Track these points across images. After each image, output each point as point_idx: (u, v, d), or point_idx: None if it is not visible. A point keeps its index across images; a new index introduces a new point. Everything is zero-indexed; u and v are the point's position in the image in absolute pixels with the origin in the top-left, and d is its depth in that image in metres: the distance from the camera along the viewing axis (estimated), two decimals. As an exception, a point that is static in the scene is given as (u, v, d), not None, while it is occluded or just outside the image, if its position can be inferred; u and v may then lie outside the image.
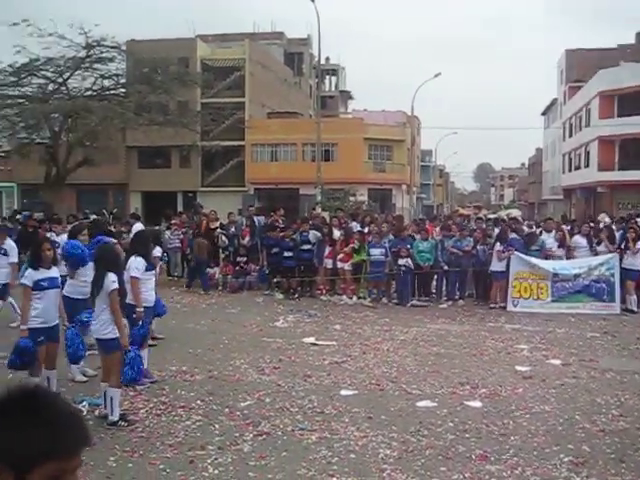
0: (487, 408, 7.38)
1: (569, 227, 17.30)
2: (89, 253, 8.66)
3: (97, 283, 6.88)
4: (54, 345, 7.46)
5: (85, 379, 8.37)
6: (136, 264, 8.35)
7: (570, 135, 53.66)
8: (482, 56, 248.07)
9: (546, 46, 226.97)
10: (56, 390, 7.07)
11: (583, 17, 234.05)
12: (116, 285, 6.82)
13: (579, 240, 15.27)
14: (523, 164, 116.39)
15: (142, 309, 8.25)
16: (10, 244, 11.80)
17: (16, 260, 11.88)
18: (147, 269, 8.51)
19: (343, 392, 7.96)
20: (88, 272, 8.13)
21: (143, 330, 8.24)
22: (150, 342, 9.76)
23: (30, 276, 7.26)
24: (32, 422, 1.52)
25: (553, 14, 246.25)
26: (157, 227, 18.00)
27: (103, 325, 6.86)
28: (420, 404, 7.51)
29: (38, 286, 7.23)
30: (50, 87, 28.67)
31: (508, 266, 14.42)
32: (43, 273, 7.29)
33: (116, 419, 6.71)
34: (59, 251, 9.32)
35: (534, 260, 14.42)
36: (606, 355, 10.26)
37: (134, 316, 8.18)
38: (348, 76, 77.34)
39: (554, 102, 63.83)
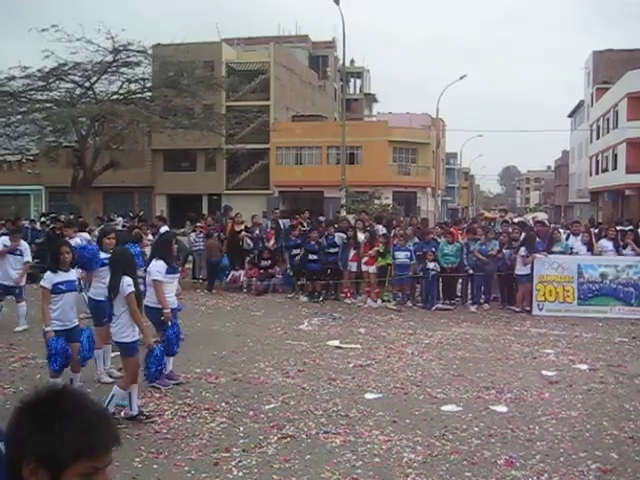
0: (513, 413, 7.32)
1: (596, 230, 17.09)
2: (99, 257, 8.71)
3: (114, 287, 6.94)
4: (74, 346, 7.54)
5: (111, 380, 8.43)
6: (157, 267, 8.41)
7: (597, 137, 53.07)
8: (508, 57, 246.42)
9: (573, 47, 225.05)
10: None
11: (611, 17, 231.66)
12: (132, 288, 6.88)
13: (605, 244, 15.06)
14: (549, 167, 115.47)
15: (169, 310, 8.30)
16: (24, 245, 12.05)
17: (30, 259, 12.16)
18: (168, 272, 8.50)
19: (367, 395, 7.94)
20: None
21: (174, 330, 8.32)
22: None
23: (49, 279, 7.36)
24: (63, 423, 1.55)
25: (580, 14, 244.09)
26: (182, 229, 18.13)
27: (122, 328, 6.95)
28: (445, 408, 7.46)
29: (56, 289, 7.34)
30: (78, 91, 29.02)
31: (532, 268, 14.30)
32: (61, 276, 7.40)
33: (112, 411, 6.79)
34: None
35: (559, 259, 14.25)
36: (634, 360, 10.09)
37: (162, 318, 8.28)
38: (373, 79, 77.33)
39: (581, 104, 63.21)
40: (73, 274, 7.65)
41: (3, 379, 8.52)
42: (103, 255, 8.42)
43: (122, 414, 7.09)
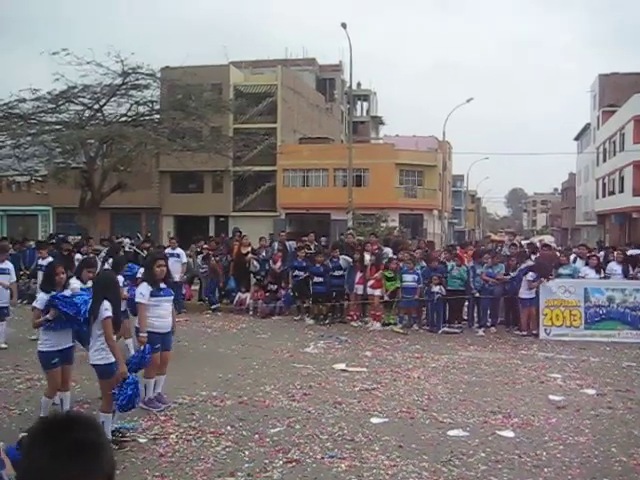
0: (520, 438, 7.27)
1: (603, 254, 17.02)
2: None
3: (94, 310, 6.92)
4: (68, 367, 7.55)
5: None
6: (141, 289, 8.51)
7: (604, 160, 53.10)
8: (514, 80, 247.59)
9: (579, 70, 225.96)
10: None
11: (617, 41, 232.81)
12: (109, 313, 6.85)
13: (614, 267, 15.03)
14: (556, 189, 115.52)
15: (145, 334, 8.26)
16: (9, 264, 12.14)
17: (15, 279, 12.24)
18: (153, 294, 8.44)
19: (373, 420, 7.90)
20: None
21: (143, 355, 8.07)
22: None
23: (42, 299, 7.36)
24: (47, 452, 1.60)
25: (586, 38, 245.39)
26: (187, 252, 18.16)
27: (97, 351, 6.94)
28: (451, 433, 7.42)
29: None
30: (87, 113, 29.23)
31: (537, 292, 14.27)
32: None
33: None
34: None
35: (565, 282, 14.22)
36: (642, 385, 10.04)
37: (138, 340, 8.36)
38: (379, 101, 77.71)
39: (587, 127, 63.33)
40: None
41: (9, 400, 8.52)
42: (79, 285, 8.37)
43: (127, 437, 7.07)
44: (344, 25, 30.78)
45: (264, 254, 17.65)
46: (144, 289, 8.44)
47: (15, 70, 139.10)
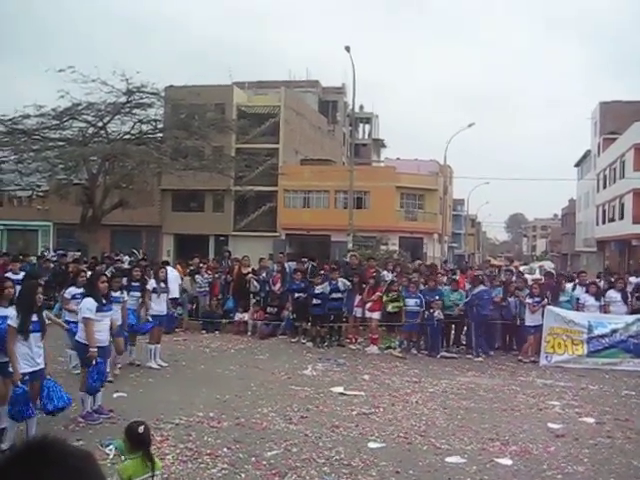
0: (518, 466, 7.22)
1: (600, 281, 16.92)
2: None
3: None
4: (36, 386, 7.56)
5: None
6: (87, 305, 8.66)
7: (604, 187, 53.27)
8: (515, 106, 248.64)
9: (580, 97, 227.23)
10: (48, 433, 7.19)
11: (618, 69, 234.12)
12: (10, 322, 7.09)
13: (613, 295, 15.01)
14: (556, 215, 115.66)
15: (95, 349, 8.42)
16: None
17: None
18: (98, 310, 8.65)
19: (371, 444, 7.86)
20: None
21: (98, 368, 8.42)
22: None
23: (15, 318, 7.32)
24: (53, 472, 1.54)
25: (588, 65, 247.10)
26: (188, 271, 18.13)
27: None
28: (449, 460, 7.37)
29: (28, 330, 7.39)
30: (90, 130, 29.38)
31: (542, 320, 14.25)
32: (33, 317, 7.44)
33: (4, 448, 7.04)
34: None
35: (569, 314, 14.20)
36: (642, 415, 9.98)
37: (87, 355, 8.47)
38: (381, 125, 78.12)
39: (587, 154, 63.61)
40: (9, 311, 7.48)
41: None
42: (75, 291, 8.45)
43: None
44: (347, 48, 30.99)
45: (264, 275, 17.64)
46: (91, 304, 8.62)
47: (19, 87, 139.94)
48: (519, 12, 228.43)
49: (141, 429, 4.82)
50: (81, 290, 10.35)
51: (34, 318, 7.35)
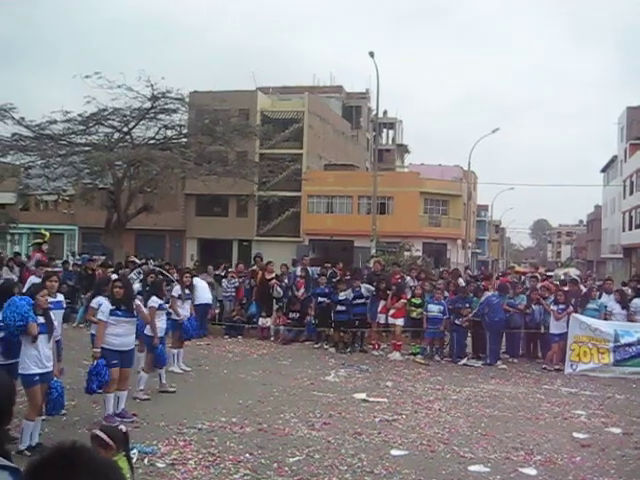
0: (542, 476, 7.13)
1: (628, 289, 16.70)
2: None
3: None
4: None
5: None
6: (101, 307, 8.90)
7: (631, 193, 52.64)
8: (540, 111, 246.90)
9: (607, 102, 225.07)
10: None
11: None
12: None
13: (639, 303, 14.80)
14: (581, 221, 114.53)
15: (98, 349, 8.60)
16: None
17: None
18: (112, 313, 8.75)
19: (393, 452, 7.81)
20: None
21: (97, 370, 8.46)
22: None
23: None
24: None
25: (616, 71, 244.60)
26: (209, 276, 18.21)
27: (22, 361, 7.31)
28: (472, 468, 7.30)
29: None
30: (115, 136, 29.70)
31: (567, 327, 14.10)
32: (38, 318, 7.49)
33: (22, 448, 7.10)
34: None
35: (595, 323, 14.02)
36: (669, 425, 9.81)
37: (92, 354, 8.72)
38: (405, 129, 77.92)
39: (614, 159, 62.93)
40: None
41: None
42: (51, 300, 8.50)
43: (145, 461, 7.06)
44: (372, 54, 31.02)
45: (287, 280, 17.66)
46: (105, 307, 8.81)
47: (46, 93, 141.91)
48: (547, 18, 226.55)
49: (123, 428, 4.81)
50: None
51: (41, 320, 7.41)
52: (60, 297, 9.07)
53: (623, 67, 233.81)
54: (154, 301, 10.62)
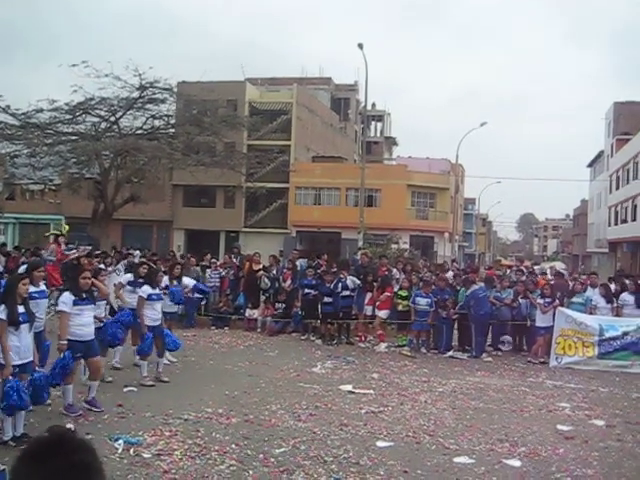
0: (526, 468, 7.18)
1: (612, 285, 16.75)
2: None
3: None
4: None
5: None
6: (62, 298, 8.72)
7: (617, 188, 52.97)
8: (527, 106, 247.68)
9: (593, 98, 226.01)
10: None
11: (633, 70, 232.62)
12: (2, 316, 7.16)
13: (627, 297, 14.90)
14: (567, 215, 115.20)
15: (65, 342, 8.39)
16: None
17: None
18: (76, 303, 8.57)
19: (379, 443, 7.84)
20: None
21: (64, 362, 8.30)
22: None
23: (3, 311, 7.35)
24: (39, 476, 1.59)
25: (603, 68, 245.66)
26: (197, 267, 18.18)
27: None
28: (457, 460, 7.34)
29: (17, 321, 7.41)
30: (103, 125, 29.49)
31: (553, 321, 14.18)
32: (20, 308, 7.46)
33: (6, 439, 7.11)
34: None
35: (580, 317, 14.11)
36: (652, 418, 9.90)
37: (57, 346, 8.51)
38: (393, 122, 77.95)
39: (601, 154, 63.24)
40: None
41: None
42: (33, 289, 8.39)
43: (131, 452, 7.05)
44: (360, 45, 31.01)
45: (274, 272, 17.65)
46: (67, 298, 8.62)
47: (34, 82, 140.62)
48: (537, 16, 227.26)
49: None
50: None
51: (21, 310, 7.37)
52: (43, 287, 8.98)
53: (616, 65, 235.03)
54: (143, 291, 10.62)
